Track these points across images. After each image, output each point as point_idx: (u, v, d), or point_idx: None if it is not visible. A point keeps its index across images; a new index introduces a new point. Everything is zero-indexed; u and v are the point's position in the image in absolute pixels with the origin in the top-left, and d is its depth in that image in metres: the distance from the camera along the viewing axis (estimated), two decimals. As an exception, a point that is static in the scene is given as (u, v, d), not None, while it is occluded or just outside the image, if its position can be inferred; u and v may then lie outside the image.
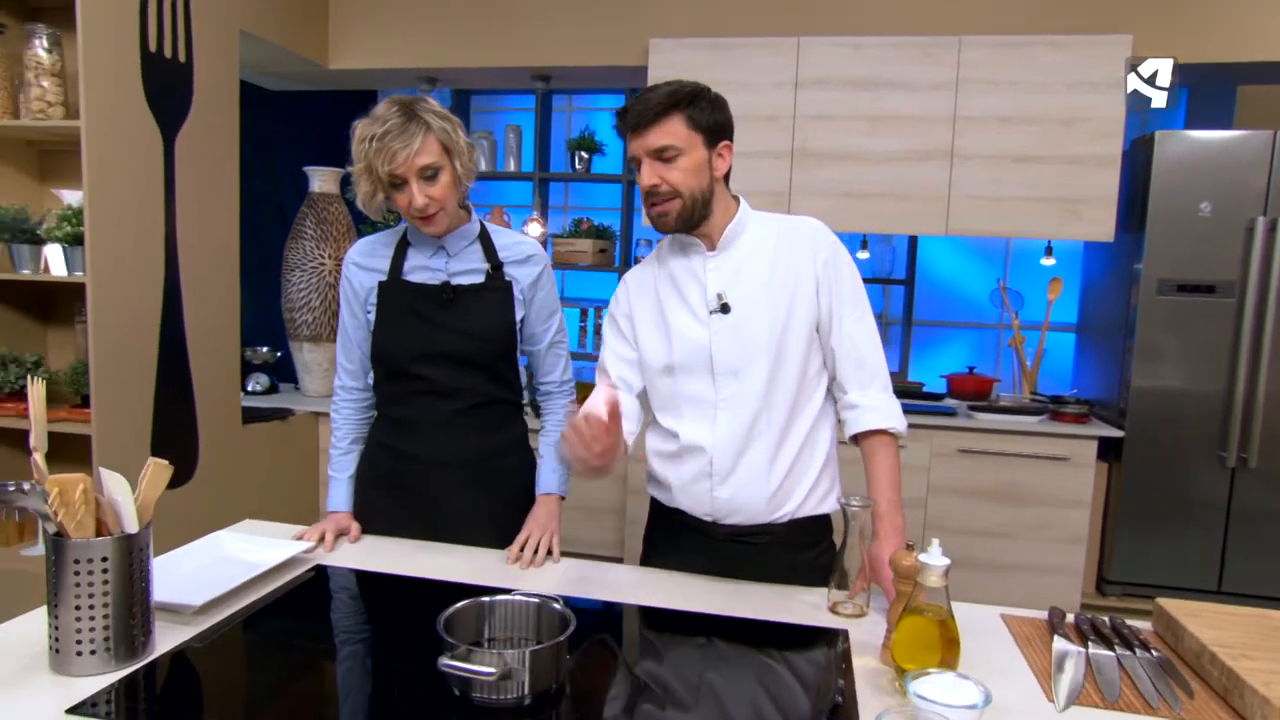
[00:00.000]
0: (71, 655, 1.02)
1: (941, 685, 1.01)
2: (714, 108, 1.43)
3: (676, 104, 1.38)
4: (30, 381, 1.04)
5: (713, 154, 1.43)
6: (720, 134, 1.44)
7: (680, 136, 1.39)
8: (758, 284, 1.45)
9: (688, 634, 1.28)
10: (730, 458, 1.46)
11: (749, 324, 1.44)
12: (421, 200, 1.48)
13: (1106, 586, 3.20)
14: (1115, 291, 3.27)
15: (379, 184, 1.49)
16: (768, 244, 1.48)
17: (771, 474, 1.47)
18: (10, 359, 2.63)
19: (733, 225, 1.48)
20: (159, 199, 2.72)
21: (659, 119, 1.38)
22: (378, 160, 1.44)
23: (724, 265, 1.47)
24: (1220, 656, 1.12)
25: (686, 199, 1.41)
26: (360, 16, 3.72)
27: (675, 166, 1.39)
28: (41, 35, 2.52)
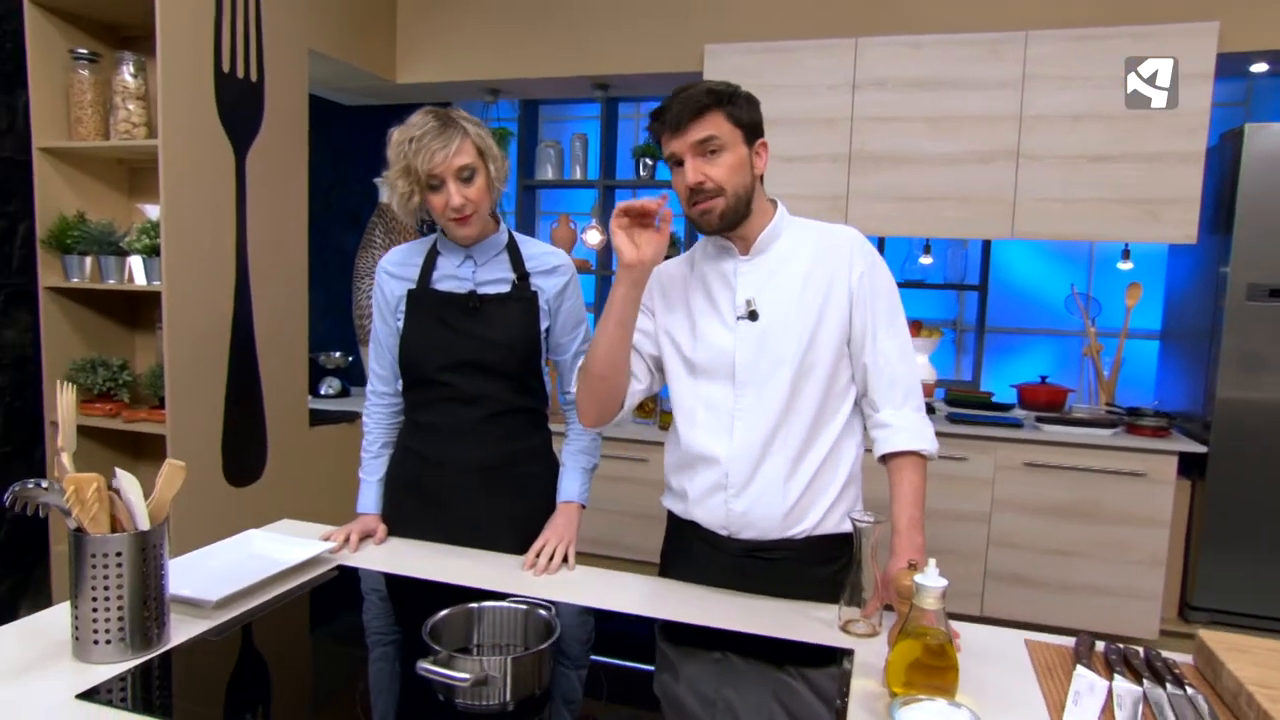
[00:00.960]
0: (89, 644, 1.09)
1: (931, 712, 0.97)
2: (750, 105, 1.40)
3: (717, 100, 1.35)
4: (61, 388, 1.11)
5: (751, 152, 1.40)
6: (758, 132, 1.41)
7: (724, 130, 1.36)
8: (789, 292, 1.42)
9: (688, 645, 1.27)
10: (746, 470, 1.43)
11: (776, 333, 1.41)
12: (459, 200, 1.51)
13: (1191, 613, 3.00)
14: (1200, 297, 3.06)
15: (416, 185, 1.51)
16: (803, 252, 1.44)
17: (789, 489, 1.43)
18: (100, 363, 2.83)
19: (768, 230, 1.44)
20: (230, 211, 2.87)
21: (700, 115, 1.35)
22: (417, 160, 1.48)
23: (756, 271, 1.44)
24: (1257, 698, 1.03)
25: (730, 196, 1.37)
26: (426, 33, 3.84)
27: (719, 163, 1.36)
28: (128, 62, 2.70)
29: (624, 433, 3.55)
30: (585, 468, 1.71)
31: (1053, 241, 3.62)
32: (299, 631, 1.29)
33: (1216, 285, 2.91)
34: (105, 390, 2.80)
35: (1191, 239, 2.88)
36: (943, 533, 3.08)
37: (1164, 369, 3.48)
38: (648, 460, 3.50)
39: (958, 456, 3.05)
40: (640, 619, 1.34)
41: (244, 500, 2.93)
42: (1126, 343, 3.50)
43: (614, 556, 3.55)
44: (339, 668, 1.20)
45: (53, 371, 2.79)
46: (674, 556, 1.60)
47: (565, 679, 1.12)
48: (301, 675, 1.18)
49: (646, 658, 1.26)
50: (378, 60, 3.80)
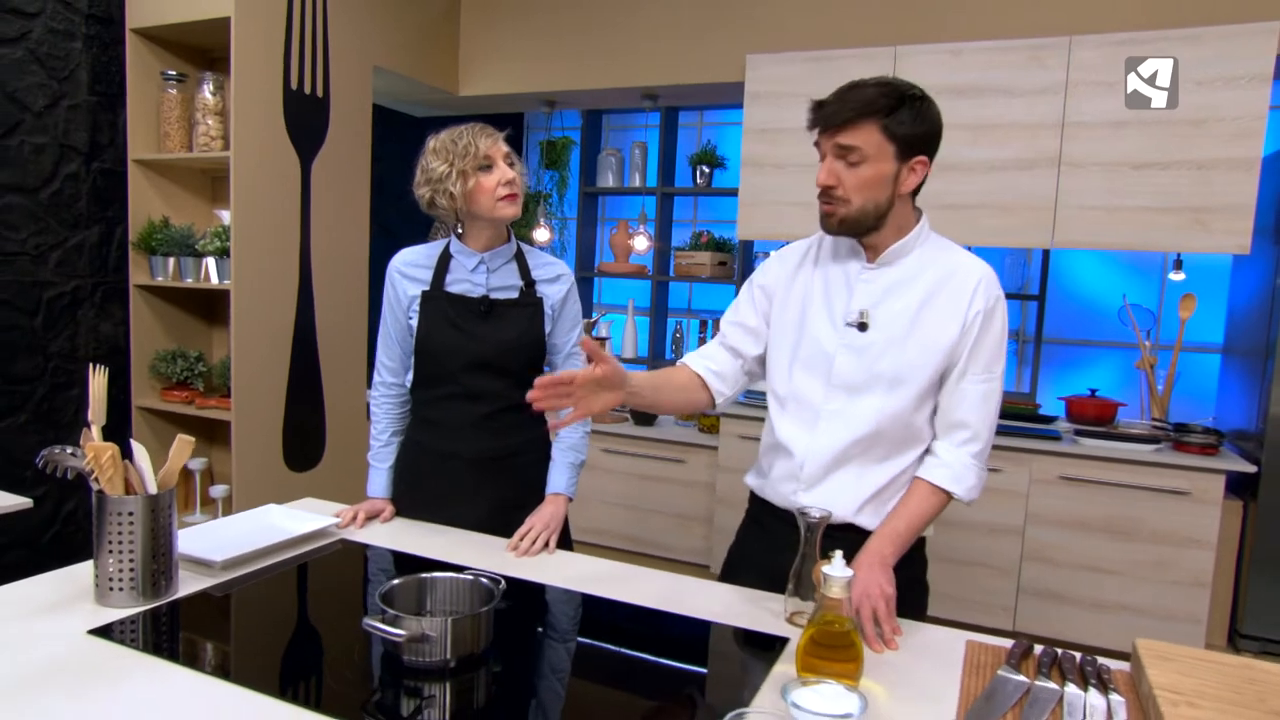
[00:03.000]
0: (106, 590, 1.26)
1: (822, 694, 1.03)
2: (917, 118, 1.32)
3: (874, 110, 1.30)
4: (92, 370, 1.30)
5: (903, 167, 1.34)
6: (918, 148, 1.34)
7: (871, 144, 1.32)
8: (904, 312, 1.40)
9: (623, 623, 1.36)
10: (820, 470, 1.45)
11: (880, 348, 1.40)
12: (510, 175, 1.67)
13: (1241, 641, 2.86)
14: (1259, 310, 2.92)
15: (471, 168, 1.65)
16: (931, 275, 1.40)
17: (857, 493, 1.45)
18: (179, 354, 3.13)
19: (900, 244, 1.41)
20: (296, 217, 3.12)
21: (852, 123, 1.31)
22: (476, 141, 1.65)
23: (877, 281, 1.42)
24: (1159, 701, 1.05)
25: (855, 208, 1.35)
26: (485, 48, 4.05)
27: (856, 173, 1.33)
28: (208, 81, 2.99)
29: (664, 434, 3.64)
30: (573, 463, 1.82)
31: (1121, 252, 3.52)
32: (293, 593, 1.45)
33: (1273, 297, 2.78)
34: (183, 379, 3.09)
35: (1244, 249, 2.76)
36: (974, 545, 3.05)
37: (1224, 385, 3.32)
38: (685, 461, 3.58)
39: (993, 468, 3.00)
40: (601, 600, 1.43)
41: (303, 483, 3.17)
42: (1189, 357, 3.37)
43: (650, 555, 3.64)
44: (320, 626, 1.35)
45: (140, 361, 3.11)
46: (750, 529, 1.62)
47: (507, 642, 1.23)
48: (285, 629, 1.33)
49: (593, 634, 1.36)
50: (441, 74, 4.03)
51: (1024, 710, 1.11)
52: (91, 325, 3.05)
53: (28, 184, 2.82)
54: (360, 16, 3.39)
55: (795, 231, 3.43)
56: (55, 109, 2.88)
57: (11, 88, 2.75)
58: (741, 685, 1.16)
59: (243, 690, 1.07)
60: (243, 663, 1.19)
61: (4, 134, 2.75)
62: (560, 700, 1.14)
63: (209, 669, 1.13)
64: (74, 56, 2.92)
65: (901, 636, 1.31)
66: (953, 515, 3.08)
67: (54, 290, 2.92)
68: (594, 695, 1.18)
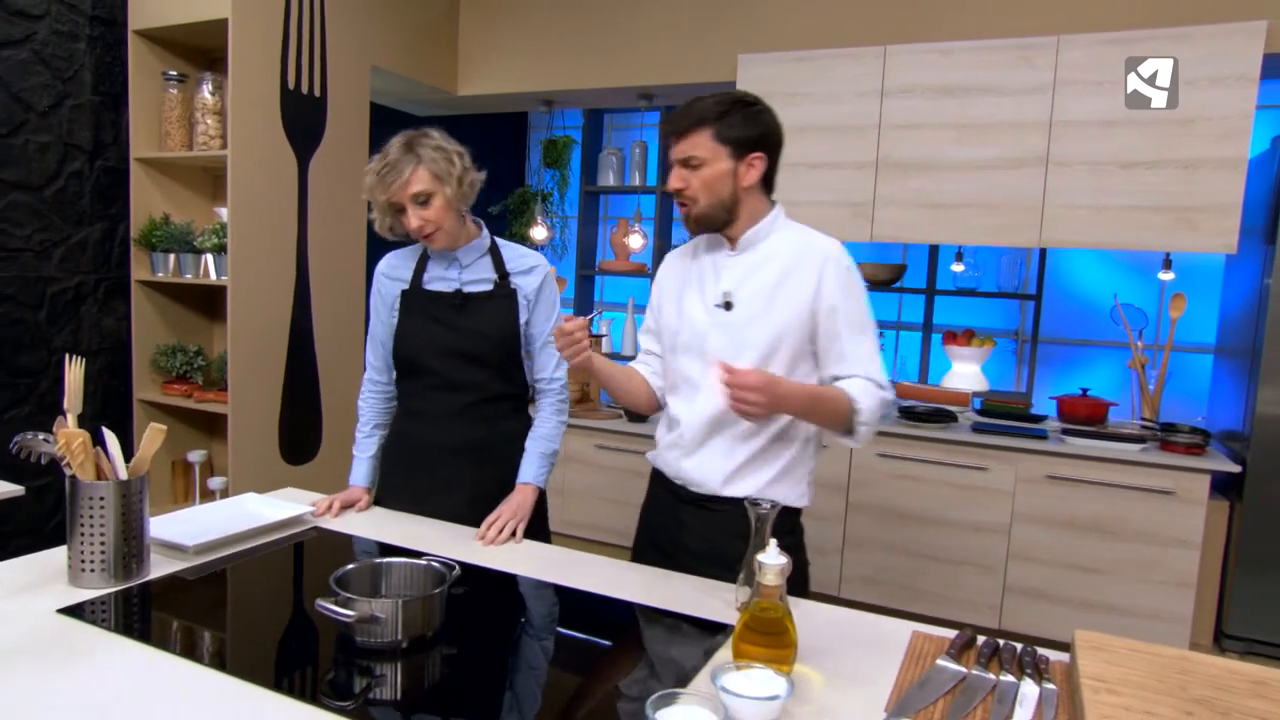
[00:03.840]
0: (79, 571, 1.32)
1: (751, 678, 1.06)
2: (748, 122, 1.51)
3: (704, 119, 1.50)
4: (69, 361, 1.35)
5: (740, 164, 1.52)
6: (752, 146, 1.52)
7: (705, 149, 1.51)
8: (763, 290, 1.56)
9: (575, 609, 1.41)
10: (697, 438, 1.61)
11: (745, 324, 1.56)
12: (416, 222, 1.71)
13: (1226, 641, 2.86)
14: (1248, 310, 2.91)
15: (387, 210, 1.74)
16: (784, 255, 1.57)
17: (732, 457, 1.59)
18: (179, 348, 3.20)
19: (753, 231, 1.58)
20: (293, 215, 3.18)
21: (688, 132, 1.52)
22: (378, 191, 1.70)
23: (738, 265, 1.60)
24: (1083, 689, 1.07)
25: (704, 205, 1.54)
26: (484, 48, 4.10)
27: (698, 175, 1.52)
28: (207, 81, 3.05)
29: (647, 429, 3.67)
30: (543, 452, 1.86)
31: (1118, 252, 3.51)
32: (263, 578, 1.50)
33: (1260, 297, 2.77)
34: (182, 373, 3.16)
35: (1230, 248, 2.75)
36: (960, 543, 3.06)
37: (1216, 385, 3.32)
38: (676, 457, 3.60)
39: (978, 466, 3.02)
40: (555, 586, 1.47)
41: (299, 476, 3.23)
42: (1184, 357, 3.36)
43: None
44: (283, 609, 1.40)
45: (141, 355, 3.18)
46: (648, 500, 1.80)
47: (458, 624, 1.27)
48: (249, 612, 1.38)
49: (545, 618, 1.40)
50: (439, 74, 4.09)
51: (955, 698, 1.13)
52: (94, 320, 3.12)
53: (32, 182, 2.90)
54: (358, 17, 3.45)
55: (786, 230, 3.45)
56: (59, 109, 2.95)
57: (17, 88, 2.83)
58: (681, 669, 1.19)
59: (201, 668, 1.12)
60: (205, 642, 1.24)
61: (9, 133, 2.82)
62: (506, 681, 1.18)
63: (173, 647, 1.18)
64: (78, 57, 3.00)
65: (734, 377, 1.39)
66: (938, 513, 3.09)
67: (58, 285, 3.00)
68: (539, 677, 1.22)
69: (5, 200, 2.82)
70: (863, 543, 3.21)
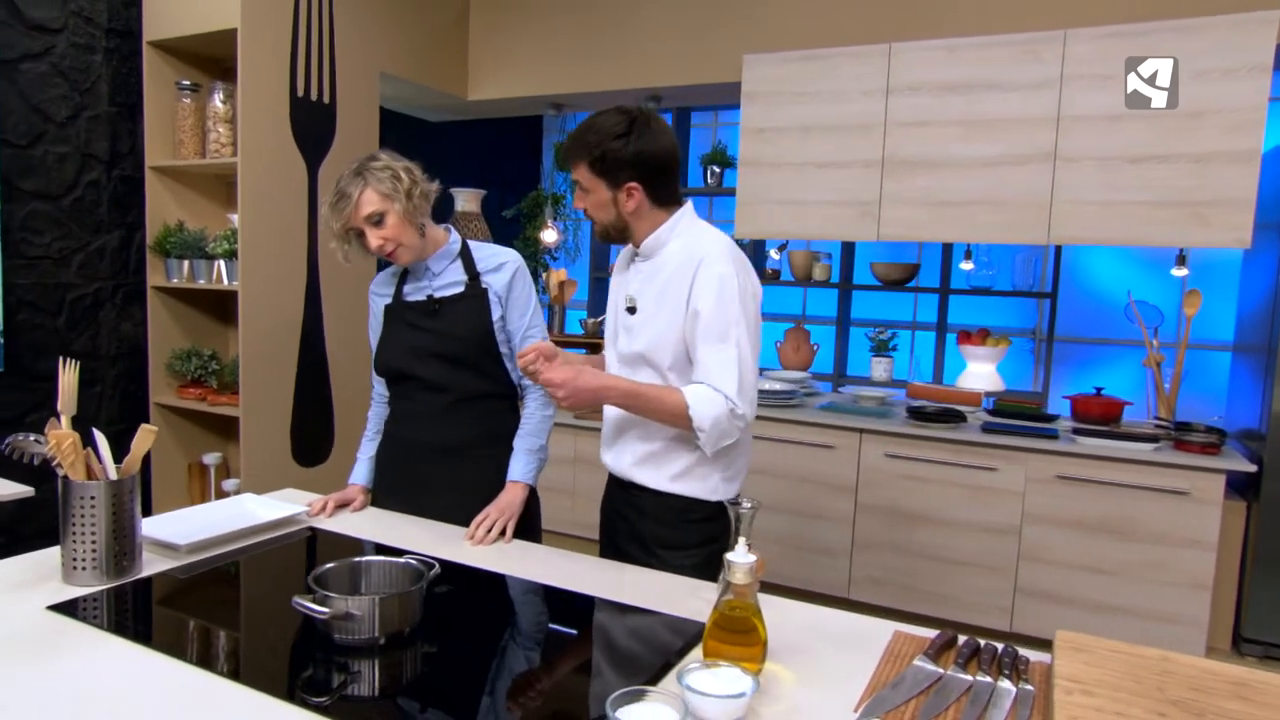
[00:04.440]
0: (71, 570, 1.35)
1: (717, 676, 1.06)
2: (618, 155, 1.55)
3: (580, 151, 1.59)
4: (62, 365, 1.39)
5: (618, 193, 1.60)
6: (625, 175, 1.57)
7: (586, 179, 1.61)
8: (654, 295, 1.64)
9: (556, 607, 1.42)
10: (613, 431, 1.74)
11: (641, 327, 1.66)
12: (376, 241, 1.75)
13: (1244, 645, 2.80)
14: (1264, 307, 2.85)
15: (345, 237, 1.78)
16: (674, 261, 1.63)
17: (634, 453, 1.69)
18: (193, 352, 3.26)
19: (650, 240, 1.66)
20: (303, 221, 3.24)
21: (572, 161, 1.63)
22: (334, 221, 1.76)
23: (642, 272, 1.69)
24: (1056, 689, 1.06)
25: (598, 225, 1.66)
26: (493, 53, 4.13)
27: (587, 199, 1.64)
28: (218, 90, 3.11)
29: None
30: (531, 449, 1.87)
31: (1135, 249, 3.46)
32: (253, 577, 1.52)
33: (1276, 293, 2.71)
34: (197, 377, 3.23)
35: (1245, 243, 2.70)
36: (970, 545, 3.02)
37: (1234, 383, 3.25)
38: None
39: (988, 466, 2.99)
40: (538, 585, 1.48)
41: (310, 478, 3.28)
42: (1202, 355, 3.30)
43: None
44: (270, 607, 1.42)
45: (157, 360, 3.25)
46: None
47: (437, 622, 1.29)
48: (235, 610, 1.40)
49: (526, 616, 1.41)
50: (449, 80, 4.13)
51: (928, 698, 1.12)
52: (112, 325, 3.20)
53: (51, 191, 2.97)
54: (365, 25, 3.50)
55: (791, 230, 3.45)
56: (77, 120, 3.03)
57: (36, 100, 2.91)
58: (654, 667, 1.20)
59: (183, 665, 1.14)
60: (190, 639, 1.26)
61: (29, 144, 2.90)
62: (484, 677, 1.19)
63: (158, 645, 1.21)
64: (94, 69, 3.07)
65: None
66: (947, 514, 3.06)
67: (76, 292, 3.07)
68: (516, 674, 1.22)
69: (26, 209, 2.90)
70: (871, 544, 3.19)
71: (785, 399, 3.42)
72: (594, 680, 1.21)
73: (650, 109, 1.66)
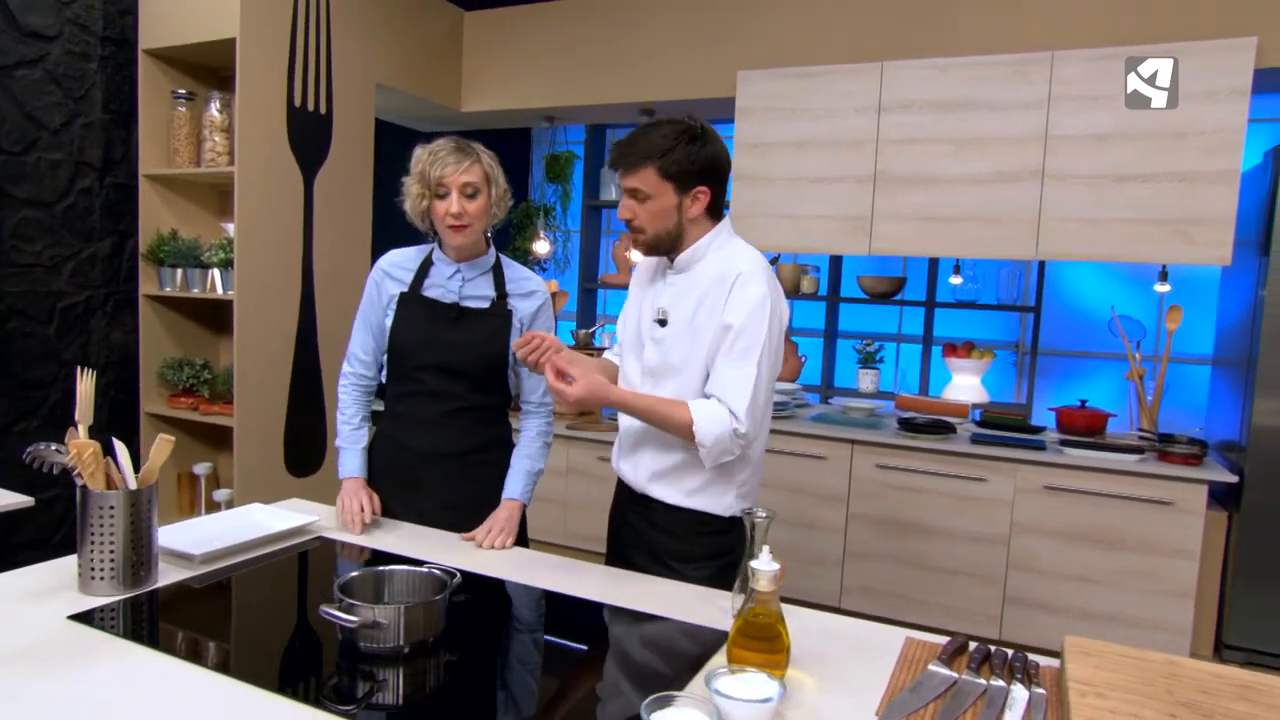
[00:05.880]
0: (89, 579, 1.35)
1: (744, 681, 1.08)
2: (692, 158, 1.56)
3: (649, 155, 1.56)
4: (80, 374, 1.39)
5: (685, 198, 1.59)
6: (697, 180, 1.58)
7: (650, 184, 1.57)
8: (688, 310, 1.62)
9: (575, 617, 1.43)
10: (630, 442, 1.73)
11: (672, 341, 1.64)
12: (458, 208, 1.73)
13: (1227, 652, 2.87)
14: (1244, 321, 2.94)
15: (427, 191, 1.75)
16: (709, 276, 1.62)
17: (651, 467, 1.68)
18: (185, 362, 3.24)
19: (688, 253, 1.65)
20: (298, 230, 3.23)
21: (634, 167, 1.58)
22: (432, 168, 1.73)
23: (674, 286, 1.67)
24: (1070, 693, 1.09)
25: (651, 235, 1.62)
26: (487, 65, 4.16)
27: (645, 208, 1.59)
28: (215, 99, 3.11)
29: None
30: (529, 470, 1.88)
31: (1117, 265, 3.55)
32: (268, 586, 1.52)
33: (1255, 309, 2.80)
34: (189, 386, 3.20)
35: (1225, 261, 2.78)
36: (960, 553, 3.07)
37: (1214, 396, 3.33)
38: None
39: (976, 477, 3.04)
40: (555, 594, 1.50)
41: (303, 488, 3.26)
42: (1182, 368, 3.38)
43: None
44: (287, 615, 1.43)
45: (148, 369, 3.22)
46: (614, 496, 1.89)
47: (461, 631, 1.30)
48: (254, 619, 1.41)
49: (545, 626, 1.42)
50: (444, 91, 4.15)
51: (945, 702, 1.15)
52: (103, 334, 3.17)
53: (44, 198, 2.95)
54: (363, 36, 3.51)
55: (784, 244, 3.49)
56: (71, 127, 3.01)
57: (30, 107, 2.89)
58: (677, 675, 1.22)
59: (208, 673, 1.14)
60: (211, 648, 1.27)
61: (22, 150, 2.88)
62: (505, 686, 1.20)
63: (180, 653, 1.21)
64: (89, 77, 3.06)
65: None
66: (938, 523, 3.11)
67: (67, 300, 3.04)
68: (535, 683, 1.24)
69: (17, 216, 2.87)
70: (863, 554, 3.23)
71: (778, 410, 3.46)
72: (618, 688, 1.23)
73: None
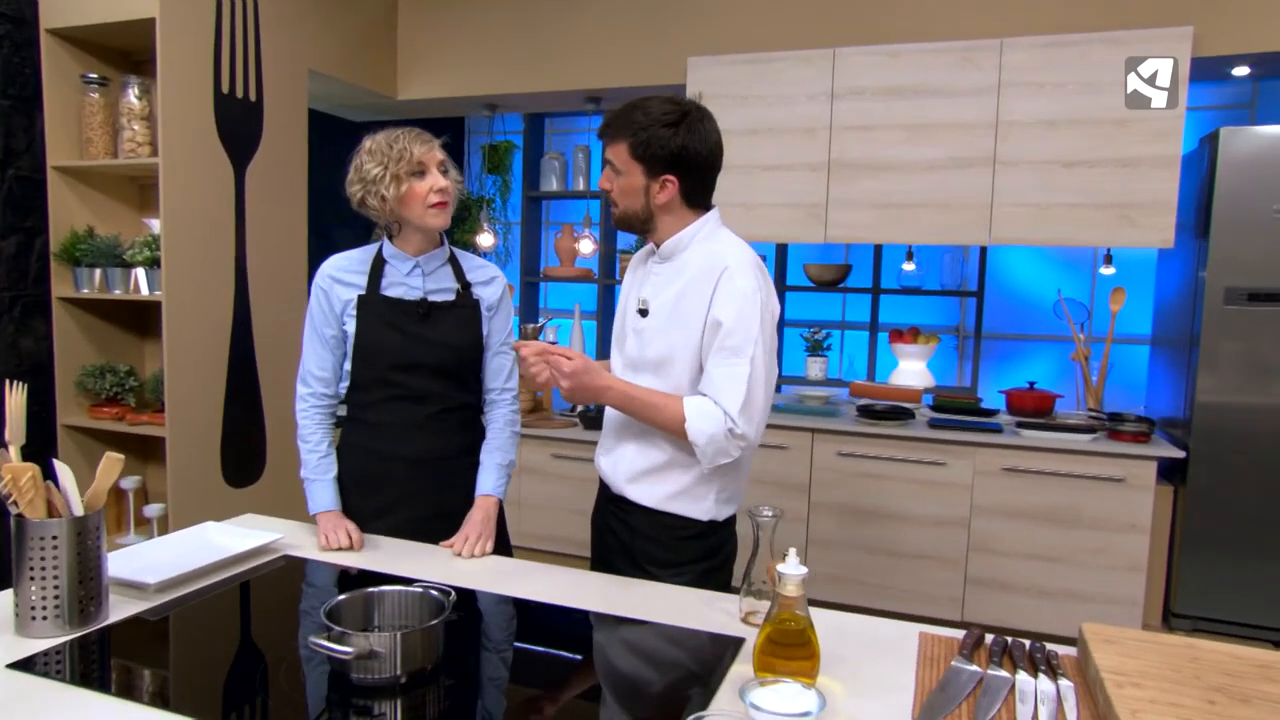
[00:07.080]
0: (28, 620, 1.19)
1: (780, 693, 1.02)
2: (662, 143, 1.48)
3: (624, 130, 1.51)
4: (9, 387, 1.23)
5: (653, 183, 1.52)
6: (664, 168, 1.50)
7: (622, 160, 1.52)
8: (669, 300, 1.56)
9: (576, 629, 1.35)
10: (612, 437, 1.68)
11: (652, 332, 1.58)
12: (444, 183, 1.65)
13: (1174, 620, 2.97)
14: (1183, 302, 3.04)
15: (404, 171, 1.62)
16: (694, 267, 1.55)
17: (632, 466, 1.62)
18: (107, 369, 3.00)
19: (671, 242, 1.59)
20: (229, 225, 3.02)
21: (611, 138, 1.54)
22: (412, 146, 1.62)
23: (660, 274, 1.61)
24: (1105, 684, 1.07)
25: (621, 210, 1.58)
26: (424, 51, 3.99)
27: (618, 181, 1.55)
28: (133, 85, 2.87)
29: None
30: (500, 463, 1.81)
31: (1055, 248, 3.62)
32: (234, 613, 1.39)
33: (1195, 290, 2.90)
34: (113, 394, 2.97)
35: (1168, 243, 2.87)
36: (922, 537, 3.10)
37: (1154, 374, 3.46)
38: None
39: (937, 461, 3.07)
40: (551, 606, 1.41)
41: (243, 500, 3.06)
42: (1120, 348, 3.49)
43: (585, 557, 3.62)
44: (263, 646, 1.30)
45: (65, 378, 2.96)
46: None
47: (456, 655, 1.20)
48: (226, 652, 1.27)
49: (545, 641, 1.34)
50: (378, 78, 3.95)
51: (978, 699, 1.12)
52: (10, 341, 2.90)
53: (-63, 193, 2.67)
54: (293, 19, 3.30)
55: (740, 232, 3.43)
56: (-35, 114, 2.73)
57: (-84, 92, 2.61)
58: (698, 688, 1.15)
59: (182, 719, 1.02)
60: (181, 689, 1.14)
61: (-91, 141, 2.60)
62: (513, 712, 1.11)
63: (144, 698, 1.08)
64: (-16, 59, 2.78)
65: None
66: (900, 509, 3.13)
67: (-32, 305, 2.77)
68: (547, 705, 1.15)
69: (-93, 213, 2.60)
70: (827, 542, 3.23)
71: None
72: (634, 701, 1.15)
73: (704, 106, 1.56)
